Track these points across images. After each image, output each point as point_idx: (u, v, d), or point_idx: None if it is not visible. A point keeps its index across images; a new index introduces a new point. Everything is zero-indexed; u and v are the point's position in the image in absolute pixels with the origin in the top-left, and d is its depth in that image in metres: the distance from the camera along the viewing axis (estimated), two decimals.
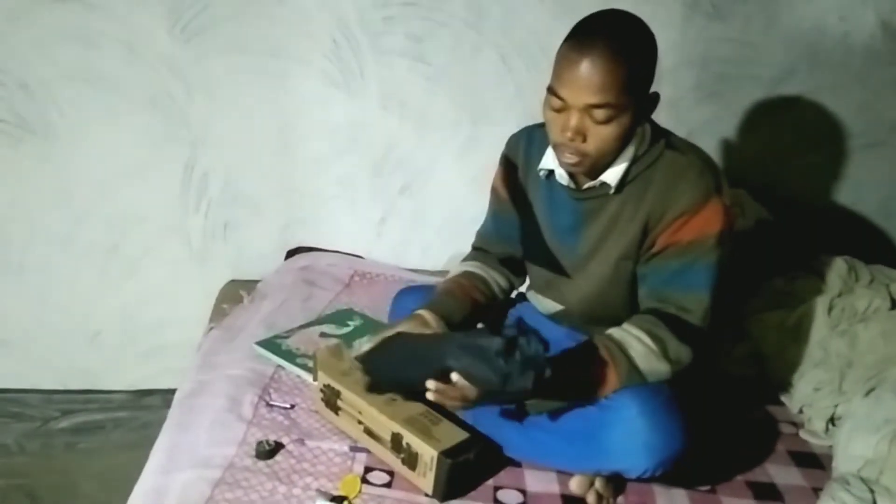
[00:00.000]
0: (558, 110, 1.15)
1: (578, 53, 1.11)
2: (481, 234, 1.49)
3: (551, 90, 1.15)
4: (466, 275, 1.42)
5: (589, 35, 1.13)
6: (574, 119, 1.14)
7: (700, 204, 1.18)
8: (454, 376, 1.08)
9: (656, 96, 1.19)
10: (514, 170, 1.38)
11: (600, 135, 1.14)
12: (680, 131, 1.65)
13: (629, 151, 1.21)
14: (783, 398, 1.59)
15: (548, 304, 1.42)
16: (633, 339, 1.20)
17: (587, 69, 1.10)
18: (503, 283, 1.45)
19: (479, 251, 1.47)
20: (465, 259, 1.47)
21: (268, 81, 1.79)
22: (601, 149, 1.16)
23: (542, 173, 1.30)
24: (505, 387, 1.05)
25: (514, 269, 1.46)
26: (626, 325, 1.23)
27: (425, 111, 1.85)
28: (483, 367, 1.05)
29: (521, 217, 1.39)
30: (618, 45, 1.11)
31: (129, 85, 1.75)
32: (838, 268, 1.65)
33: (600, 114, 1.12)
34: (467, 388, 1.08)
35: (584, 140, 1.15)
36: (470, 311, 1.35)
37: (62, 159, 1.80)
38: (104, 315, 1.96)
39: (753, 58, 1.83)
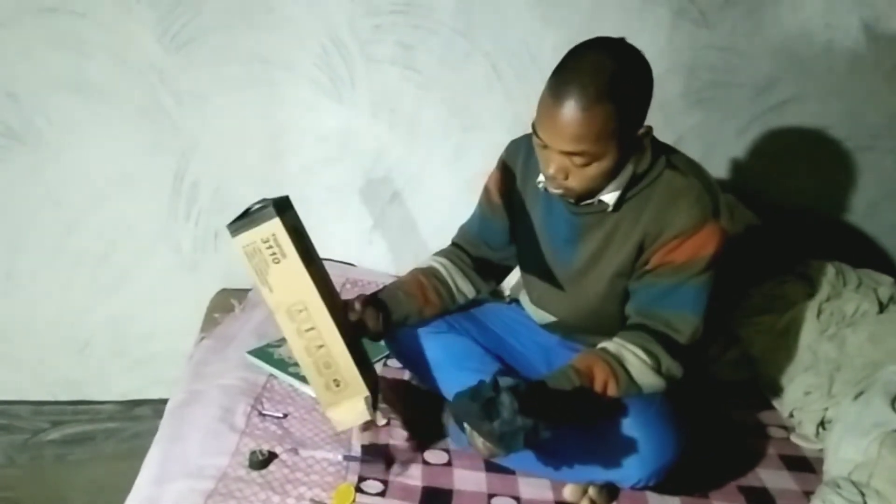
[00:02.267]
0: (543, 146, 1.16)
1: (555, 100, 1.10)
2: (463, 231, 1.49)
3: (534, 127, 1.15)
4: (429, 272, 1.42)
5: (567, 81, 1.10)
6: (555, 160, 1.14)
7: (696, 227, 1.18)
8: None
9: (647, 131, 1.16)
10: (512, 178, 1.38)
11: (582, 175, 1.15)
12: (668, 137, 1.67)
13: (627, 171, 1.21)
14: (774, 402, 1.60)
15: (541, 315, 1.42)
16: (630, 354, 1.20)
17: (562, 119, 1.09)
18: (465, 286, 1.44)
19: (455, 247, 1.47)
20: (439, 253, 1.47)
21: (257, 90, 1.79)
22: (585, 186, 1.17)
23: (540, 185, 1.29)
24: (504, 446, 1.06)
25: (485, 272, 1.46)
26: (619, 340, 1.22)
27: (415, 119, 1.85)
28: (480, 428, 1.06)
29: (517, 226, 1.39)
30: (595, 93, 1.07)
31: (118, 94, 1.74)
32: (826, 272, 1.66)
33: (578, 160, 1.12)
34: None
35: (566, 178, 1.15)
36: (417, 309, 1.37)
37: (51, 168, 1.79)
38: (94, 325, 1.94)
39: (740, 64, 1.84)
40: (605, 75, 1.08)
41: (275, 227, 1.14)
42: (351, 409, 1.18)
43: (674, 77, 1.84)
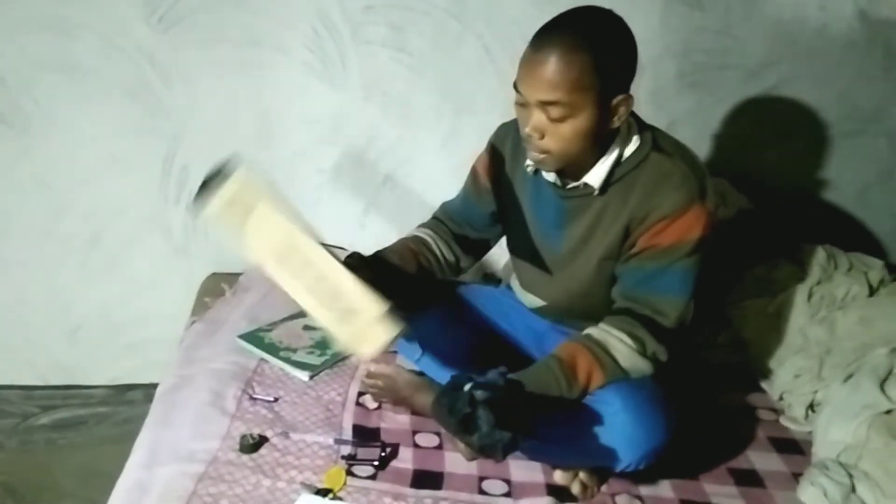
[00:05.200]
0: (522, 105, 1.16)
1: (534, 50, 1.12)
2: (445, 207, 1.48)
3: (515, 85, 1.15)
4: (416, 240, 1.42)
5: (547, 32, 1.13)
6: (533, 115, 1.14)
7: (682, 209, 1.17)
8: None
9: (627, 100, 1.15)
10: (501, 161, 1.37)
11: (558, 133, 1.13)
12: (661, 121, 1.66)
13: (613, 153, 1.20)
14: (763, 385, 1.61)
15: (531, 299, 1.42)
16: (615, 339, 1.20)
17: (540, 66, 1.10)
18: (450, 257, 1.43)
19: (436, 221, 1.47)
20: (423, 225, 1.47)
21: (248, 71, 1.77)
22: (561, 147, 1.15)
23: (529, 169, 1.29)
24: (484, 456, 1.07)
25: (466, 248, 1.45)
26: (604, 326, 1.22)
27: (407, 101, 1.84)
28: (460, 439, 1.07)
29: (506, 209, 1.39)
30: (573, 44, 1.09)
31: (106, 75, 1.72)
32: (817, 256, 1.67)
33: (554, 111, 1.11)
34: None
35: (542, 137, 1.14)
36: (409, 273, 1.36)
37: (39, 151, 1.77)
38: (84, 309, 1.93)
39: (734, 47, 1.83)
40: (585, 29, 1.11)
41: (231, 186, 1.15)
42: (375, 332, 1.09)
43: (667, 60, 1.83)
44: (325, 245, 1.15)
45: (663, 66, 1.83)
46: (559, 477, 1.25)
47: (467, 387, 1.05)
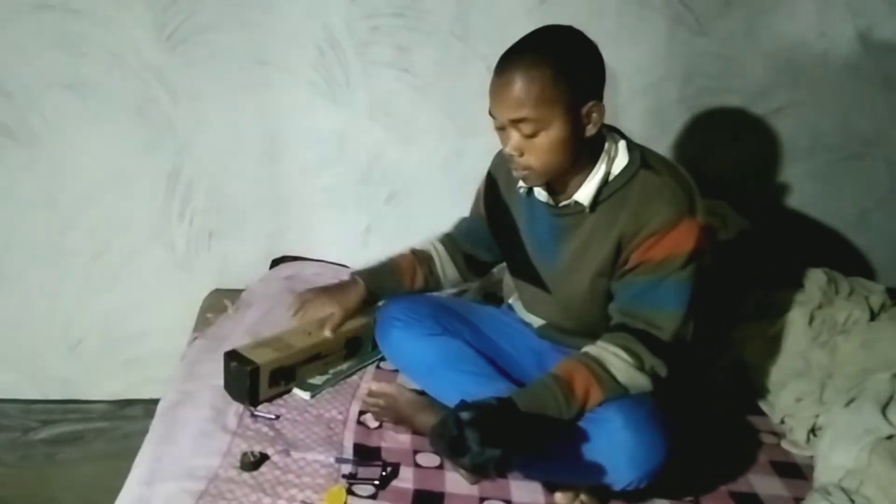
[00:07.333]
0: (499, 129, 1.21)
1: (498, 74, 1.17)
2: (458, 225, 1.57)
3: (489, 111, 1.20)
4: (420, 254, 1.54)
5: (508, 56, 1.18)
6: (510, 136, 1.18)
7: (672, 224, 1.19)
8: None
9: (598, 106, 1.17)
10: (495, 186, 1.42)
11: (534, 148, 1.17)
12: (662, 143, 1.67)
13: (600, 170, 1.23)
14: (765, 408, 1.60)
15: (532, 319, 1.44)
16: (611, 356, 1.21)
17: (503, 86, 1.15)
18: (451, 272, 1.55)
19: (449, 236, 1.57)
20: (440, 238, 1.57)
21: (254, 90, 1.78)
22: (541, 161, 1.19)
23: (521, 190, 1.33)
24: (480, 476, 1.08)
25: (473, 267, 1.57)
26: (601, 343, 1.23)
27: (411, 121, 1.85)
28: (454, 462, 1.09)
29: (504, 232, 1.42)
30: (532, 61, 1.14)
31: (113, 92, 1.74)
32: (818, 280, 1.67)
33: (525, 128, 1.16)
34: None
35: (522, 155, 1.19)
36: (403, 287, 1.52)
37: (45, 167, 1.78)
38: (86, 324, 1.94)
39: (735, 72, 1.85)
40: (544, 46, 1.17)
41: None
42: None
43: (669, 84, 1.85)
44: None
45: (665, 90, 1.85)
46: (560, 498, 1.25)
47: (455, 410, 1.06)
